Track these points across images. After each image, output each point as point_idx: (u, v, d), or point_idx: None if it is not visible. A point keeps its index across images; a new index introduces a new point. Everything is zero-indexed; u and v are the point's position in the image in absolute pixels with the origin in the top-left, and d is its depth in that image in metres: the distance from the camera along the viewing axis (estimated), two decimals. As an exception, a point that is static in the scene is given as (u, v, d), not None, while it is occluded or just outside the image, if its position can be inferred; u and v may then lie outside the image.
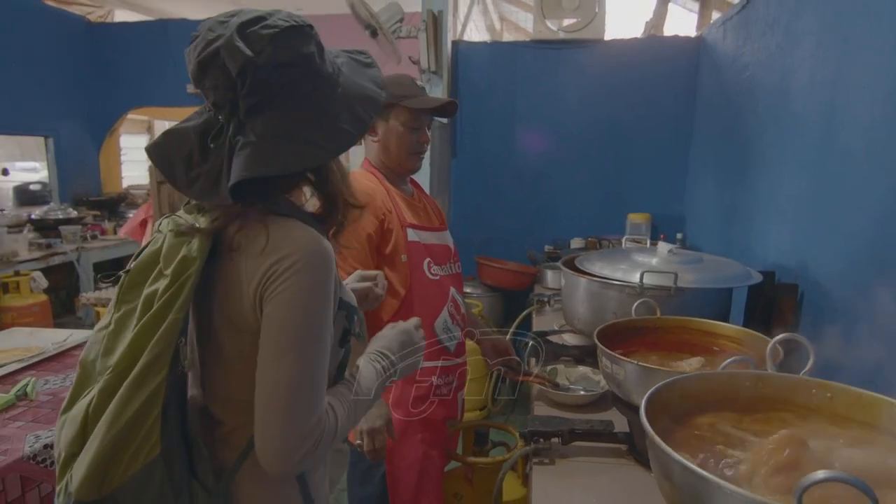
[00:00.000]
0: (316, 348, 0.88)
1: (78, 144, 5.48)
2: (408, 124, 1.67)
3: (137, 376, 0.83)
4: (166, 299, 0.84)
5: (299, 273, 0.85)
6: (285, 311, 0.85)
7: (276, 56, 0.84)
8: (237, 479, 0.94)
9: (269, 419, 0.85)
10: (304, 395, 0.86)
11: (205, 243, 0.86)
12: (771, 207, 2.36)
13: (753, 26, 2.69)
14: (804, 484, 0.69)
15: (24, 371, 1.89)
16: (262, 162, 0.84)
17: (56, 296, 4.48)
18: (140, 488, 0.84)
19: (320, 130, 0.88)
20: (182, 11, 6.40)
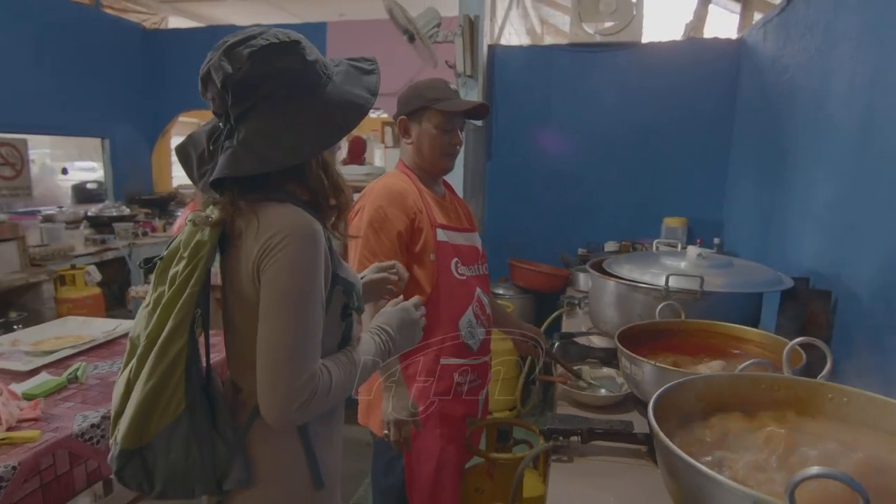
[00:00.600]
0: (306, 311, 0.99)
1: (132, 146, 5.72)
2: (440, 126, 1.71)
3: (163, 342, 0.98)
4: (184, 277, 0.99)
5: (288, 246, 0.97)
6: (277, 278, 0.97)
7: (253, 70, 0.97)
8: (250, 434, 1.07)
9: (265, 375, 0.97)
10: (296, 352, 0.97)
11: (214, 230, 1.01)
12: (807, 212, 2.31)
13: (793, 28, 2.64)
14: (797, 479, 0.71)
15: (76, 357, 2.01)
16: (233, 165, 0.98)
17: (108, 289, 4.69)
18: (170, 438, 1.00)
19: (293, 136, 0.99)
20: (230, 18, 6.64)
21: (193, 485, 1.03)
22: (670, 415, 1.08)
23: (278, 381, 0.96)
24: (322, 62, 1.05)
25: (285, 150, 0.99)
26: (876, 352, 1.68)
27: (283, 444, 1.09)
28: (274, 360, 0.97)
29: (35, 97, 4.70)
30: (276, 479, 1.08)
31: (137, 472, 1.02)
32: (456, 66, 3.50)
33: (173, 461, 1.01)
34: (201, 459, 1.01)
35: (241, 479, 1.05)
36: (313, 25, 5.19)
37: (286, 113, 1.00)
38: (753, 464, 0.92)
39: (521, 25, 6.04)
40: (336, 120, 1.03)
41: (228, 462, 1.05)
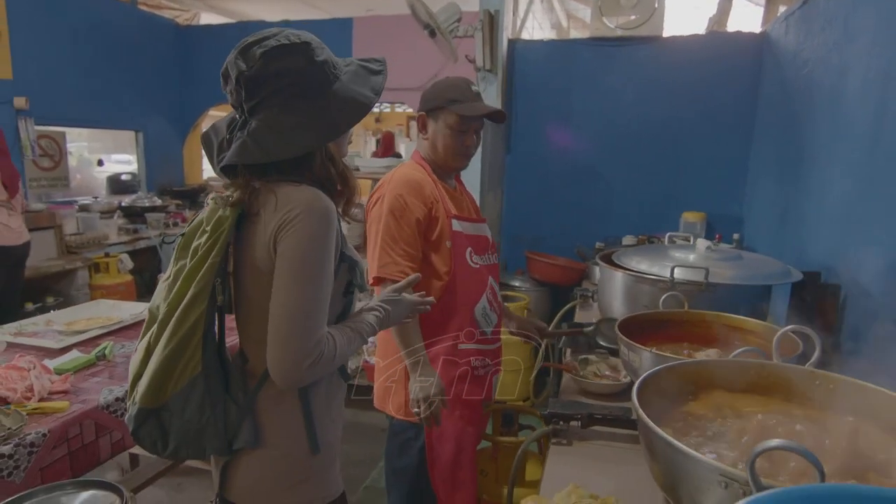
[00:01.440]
0: (318, 280, 1.07)
1: (164, 139, 5.91)
2: (454, 127, 1.75)
3: (184, 308, 1.07)
4: (206, 248, 1.08)
5: (302, 221, 1.05)
6: (291, 250, 1.05)
7: (264, 68, 1.06)
8: (258, 397, 1.16)
9: (278, 335, 1.05)
10: (305, 318, 1.05)
11: (235, 208, 1.09)
12: (822, 208, 2.30)
13: (814, 21, 2.61)
14: (757, 450, 0.74)
15: (105, 336, 2.13)
16: (241, 154, 1.08)
17: (140, 277, 4.86)
18: (186, 399, 1.08)
19: (297, 130, 1.08)
20: (260, 13, 6.78)
21: (205, 444, 1.11)
22: (659, 398, 1.12)
23: (290, 342, 1.04)
24: (331, 62, 1.14)
25: (288, 143, 1.07)
26: (882, 345, 1.67)
27: (286, 410, 1.16)
28: (288, 323, 1.04)
29: (73, 91, 4.90)
30: (277, 442, 1.17)
31: (153, 431, 1.10)
32: (476, 61, 3.54)
33: (188, 421, 1.08)
34: (214, 420, 1.10)
35: (249, 440, 1.13)
36: (340, 21, 5.28)
37: (292, 108, 1.08)
38: (731, 442, 0.95)
39: (546, 19, 6.04)
40: (337, 117, 1.10)
41: (239, 423, 1.13)
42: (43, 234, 4.04)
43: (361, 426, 3.27)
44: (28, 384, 1.56)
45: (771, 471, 0.84)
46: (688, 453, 0.84)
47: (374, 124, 8.72)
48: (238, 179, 1.11)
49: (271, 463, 1.17)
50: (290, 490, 1.19)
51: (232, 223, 1.08)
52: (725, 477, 0.80)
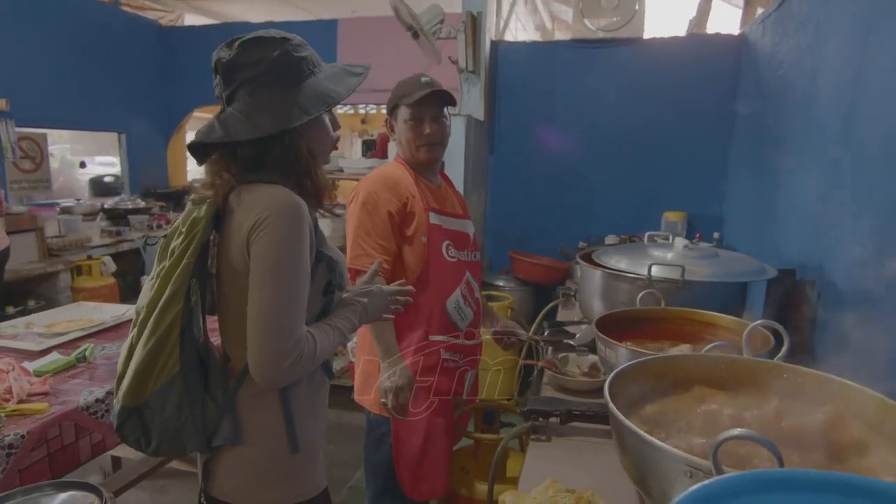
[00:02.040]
0: (292, 280, 1.08)
1: (148, 140, 5.86)
2: (409, 119, 1.80)
3: (161, 308, 1.09)
4: (182, 249, 1.10)
5: (273, 222, 1.07)
6: (264, 251, 1.07)
7: (238, 57, 1.12)
8: (238, 396, 1.17)
9: (256, 338, 1.07)
10: (283, 317, 1.06)
11: (210, 206, 1.12)
12: (796, 207, 2.35)
13: (789, 24, 2.66)
14: (719, 440, 0.77)
15: (86, 338, 2.12)
16: (206, 134, 1.12)
17: (123, 279, 4.82)
18: (165, 397, 1.10)
19: (261, 114, 1.11)
20: (244, 14, 6.76)
21: (185, 442, 1.13)
22: (632, 393, 1.14)
23: (269, 343, 1.05)
24: (311, 60, 1.17)
25: (251, 124, 1.10)
26: (855, 339, 1.71)
27: (266, 408, 1.18)
28: (265, 325, 1.06)
29: (54, 93, 4.85)
30: (257, 440, 1.18)
31: (135, 429, 1.12)
32: (458, 62, 3.56)
33: (167, 419, 1.10)
34: (192, 418, 1.11)
35: (228, 437, 1.15)
36: (325, 22, 5.28)
37: (261, 94, 1.12)
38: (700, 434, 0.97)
39: (530, 21, 6.07)
40: (304, 104, 1.12)
41: (217, 421, 1.14)
42: (24, 237, 4.00)
43: (346, 426, 3.27)
44: (7, 386, 1.55)
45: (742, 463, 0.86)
46: (654, 444, 0.86)
47: (360, 125, 8.71)
48: (212, 176, 1.14)
49: (252, 460, 1.18)
50: (271, 487, 1.20)
51: (206, 224, 1.10)
52: (691, 467, 0.82)
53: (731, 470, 0.78)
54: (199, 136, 1.13)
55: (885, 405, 0.99)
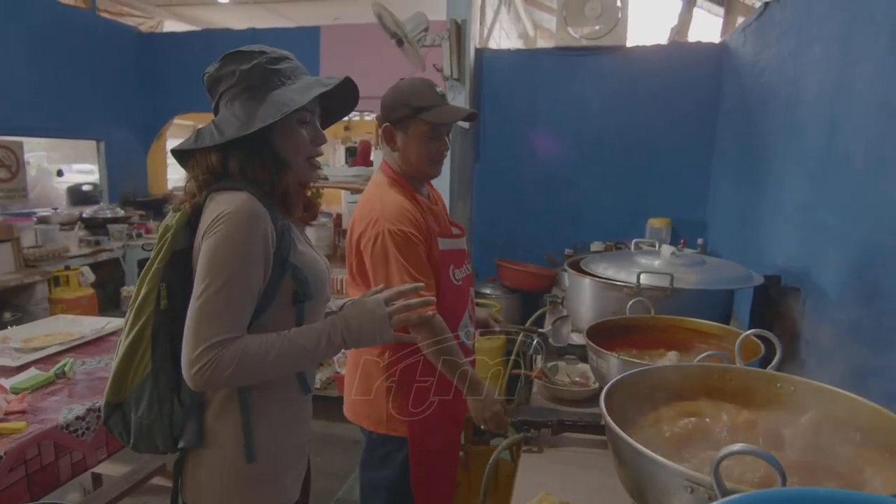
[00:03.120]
0: (227, 283, 1.07)
1: (127, 148, 5.76)
2: (426, 135, 1.68)
3: (136, 310, 1.15)
4: (154, 254, 1.15)
5: (223, 224, 1.08)
6: (207, 251, 1.08)
7: (217, 71, 1.17)
8: (206, 400, 1.19)
9: (184, 336, 1.07)
10: (207, 317, 1.06)
11: (183, 214, 1.16)
12: (780, 213, 2.37)
13: (770, 32, 2.70)
14: (720, 455, 0.76)
15: (65, 353, 2.06)
16: (182, 142, 1.18)
17: (103, 290, 4.73)
18: (139, 396, 1.15)
19: (223, 124, 1.14)
20: (225, 21, 6.71)
21: (156, 440, 1.17)
22: (627, 404, 1.13)
23: (186, 344, 1.06)
24: (285, 72, 1.19)
25: (215, 133, 1.13)
26: (840, 346, 1.73)
27: (229, 414, 1.19)
28: (189, 324, 1.07)
29: (31, 100, 4.76)
30: (220, 444, 1.19)
31: (118, 424, 1.18)
32: (443, 70, 3.56)
33: (140, 417, 1.15)
34: (160, 418, 1.15)
35: (192, 440, 1.18)
36: (308, 29, 5.24)
37: (232, 107, 1.16)
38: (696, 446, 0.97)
39: (514, 29, 6.10)
40: (257, 115, 1.13)
41: (184, 423, 1.18)
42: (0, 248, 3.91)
43: (333, 437, 3.23)
44: (-18, 405, 1.50)
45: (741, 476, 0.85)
46: (654, 458, 0.85)
47: (344, 132, 8.68)
48: (189, 183, 1.18)
49: (213, 465, 1.20)
50: (233, 494, 1.21)
51: (176, 229, 1.14)
52: (691, 482, 0.81)
53: (734, 486, 0.77)
54: (179, 144, 1.20)
55: (878, 414, 1.00)
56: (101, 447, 1.68)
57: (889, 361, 1.45)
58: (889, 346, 1.45)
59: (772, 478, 0.83)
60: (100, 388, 1.79)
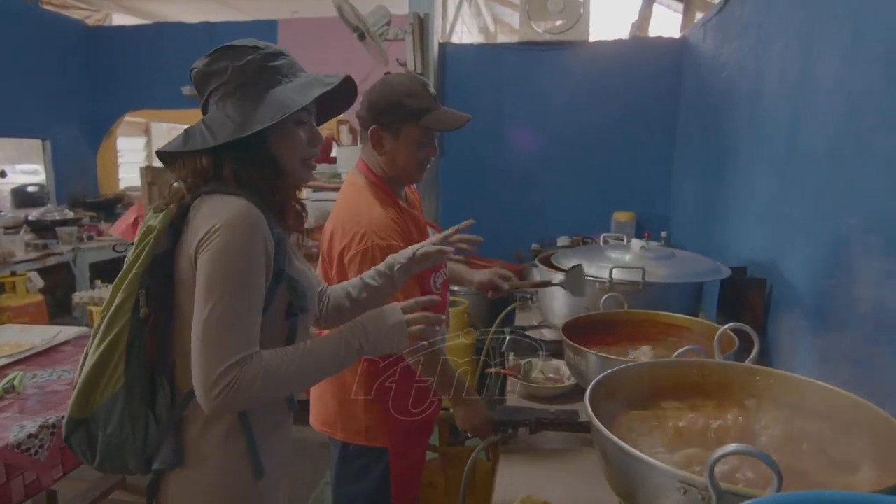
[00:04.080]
0: (236, 297, 1.01)
1: (75, 147, 5.52)
2: (419, 140, 1.59)
3: (109, 318, 1.05)
4: (133, 258, 1.06)
5: (223, 234, 1.01)
6: (208, 263, 1.01)
7: (206, 67, 1.10)
8: (185, 417, 1.10)
9: (194, 357, 1.00)
10: (221, 336, 0.99)
11: (167, 216, 1.07)
12: (745, 206, 2.41)
13: (730, 28, 2.74)
14: (716, 456, 0.74)
15: (14, 365, 1.94)
16: (169, 143, 1.11)
17: (52, 296, 4.53)
18: (109, 411, 1.05)
19: (217, 124, 1.07)
20: (178, 15, 6.48)
21: (126, 460, 1.07)
22: (609, 403, 1.12)
23: (200, 367, 0.99)
24: (281, 69, 1.12)
25: (208, 135, 1.06)
26: (806, 335, 1.76)
27: (222, 428, 1.11)
28: (200, 345, 0.99)
29: (-31, 97, 4.51)
30: (212, 464, 1.11)
31: (82, 442, 1.08)
32: (407, 65, 3.51)
33: (109, 435, 1.05)
34: (133, 437, 1.06)
35: (167, 460, 1.09)
36: (264, 23, 5.11)
37: (223, 106, 1.09)
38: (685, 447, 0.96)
39: (474, 24, 6.08)
40: (261, 114, 1.07)
41: (159, 442, 1.08)
42: (-63, 254, 3.69)
43: (299, 442, 3.15)
44: (-77, 426, 1.39)
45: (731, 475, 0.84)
46: (645, 460, 0.84)
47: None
48: (170, 185, 1.11)
49: (204, 486, 1.11)
50: None
51: (159, 233, 1.05)
52: (685, 483, 0.79)
53: (728, 486, 0.76)
54: (164, 146, 1.12)
55: (856, 405, 1.00)
56: (56, 465, 1.59)
57: (855, 348, 1.48)
58: (855, 334, 1.48)
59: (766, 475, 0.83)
60: (53, 402, 1.69)
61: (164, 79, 5.28)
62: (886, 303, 1.35)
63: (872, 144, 1.42)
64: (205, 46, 1.17)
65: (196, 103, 1.17)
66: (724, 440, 0.98)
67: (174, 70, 5.21)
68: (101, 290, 3.80)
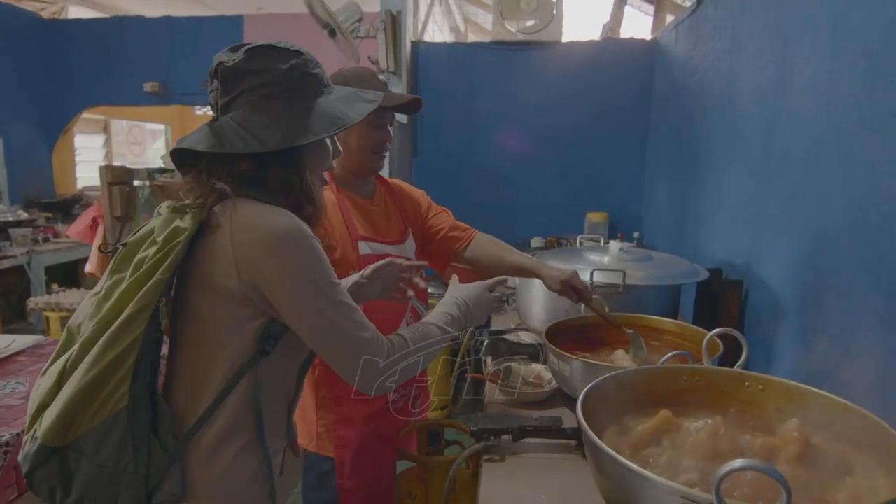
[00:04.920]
0: (333, 296, 1.01)
1: (29, 144, 5.32)
2: (369, 122, 1.56)
3: (119, 327, 0.92)
4: (155, 261, 0.94)
5: (291, 243, 0.98)
6: (294, 275, 0.98)
7: (245, 63, 1.01)
8: (194, 442, 1.00)
9: (336, 363, 1.03)
10: (348, 326, 1.02)
11: (196, 217, 0.97)
12: (719, 207, 2.42)
13: (703, 30, 2.76)
14: (722, 472, 0.71)
15: (-37, 378, 1.82)
16: (196, 141, 1.00)
17: (6, 301, 4.35)
18: (103, 437, 0.91)
19: (261, 129, 1.00)
20: (138, 9, 6.27)
21: (118, 495, 0.93)
22: (598, 411, 1.09)
23: (344, 355, 1.02)
24: (322, 78, 1.10)
25: (250, 139, 0.99)
26: (781, 336, 1.77)
27: (229, 456, 1.02)
28: (333, 346, 1.01)
29: (-87, 92, 4.27)
30: (220, 494, 1.02)
31: (52, 476, 0.93)
32: (379, 63, 3.45)
33: (101, 464, 0.92)
34: (135, 465, 0.92)
35: (174, 493, 0.96)
36: (229, 18, 5.00)
37: (265, 108, 1.02)
38: (679, 458, 0.93)
39: (445, 23, 6.05)
40: (314, 124, 1.03)
41: (164, 472, 0.96)
42: None
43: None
44: None
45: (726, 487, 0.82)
46: (645, 476, 0.80)
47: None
48: (200, 185, 1.01)
49: None
50: None
51: (189, 236, 0.95)
52: (687, 499, 0.76)
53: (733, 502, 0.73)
54: (187, 143, 1.01)
55: (848, 410, 0.99)
56: (10, 485, 1.48)
57: (832, 350, 1.49)
58: (832, 336, 1.49)
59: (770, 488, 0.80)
60: (7, 418, 1.58)
61: (124, 74, 5.12)
62: (863, 305, 1.36)
63: (852, 146, 1.42)
64: (166, 42, 1.10)
65: (158, 100, 1.10)
66: (719, 450, 0.95)
67: (135, 66, 5.05)
68: (58, 294, 3.63)
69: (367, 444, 1.65)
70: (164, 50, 4.99)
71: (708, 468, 0.89)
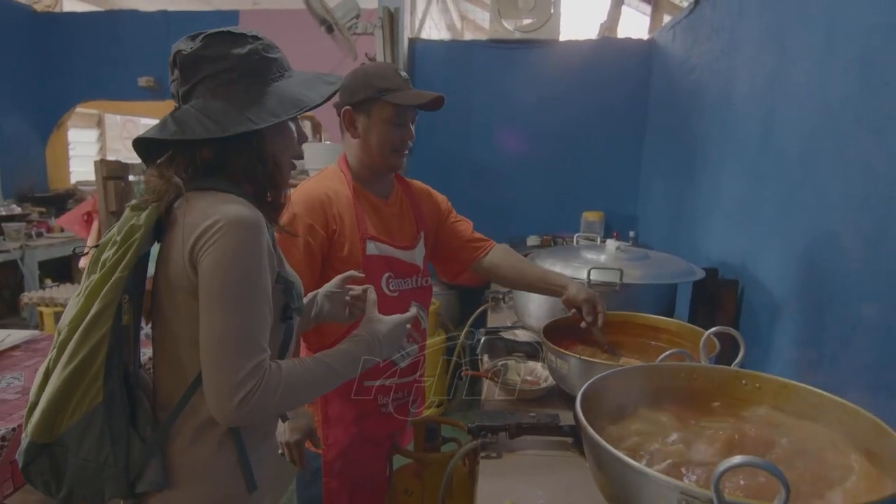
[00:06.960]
0: (248, 301, 0.96)
1: (22, 139, 5.26)
2: (391, 120, 1.55)
3: (84, 328, 0.94)
4: (114, 260, 0.96)
5: (225, 235, 0.95)
6: (217, 268, 0.95)
7: (202, 51, 1.01)
8: (171, 433, 1.02)
9: (205, 367, 0.95)
10: (233, 344, 0.94)
11: (152, 214, 0.98)
12: (715, 207, 2.44)
13: (700, 30, 2.77)
14: (721, 469, 0.72)
15: (-43, 373, 1.81)
16: (160, 130, 1.01)
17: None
18: (83, 433, 0.95)
19: (223, 114, 1.00)
20: (134, 3, 6.23)
21: (103, 486, 0.97)
22: (596, 408, 1.09)
23: (217, 374, 0.94)
24: (282, 63, 1.09)
25: (209, 124, 0.99)
26: (777, 335, 1.79)
27: (211, 442, 1.04)
28: (214, 353, 0.94)
29: None
30: (203, 481, 1.04)
31: (45, 470, 0.98)
32: (376, 59, 3.44)
33: (84, 458, 0.96)
34: (114, 458, 0.96)
35: (155, 481, 1.00)
36: (225, 13, 4.95)
37: (224, 94, 1.02)
38: (678, 454, 0.94)
39: (442, 20, 6.04)
40: (275, 107, 1.02)
41: (144, 462, 0.99)
42: None
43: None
44: None
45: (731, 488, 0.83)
46: (645, 472, 0.81)
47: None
48: (158, 179, 1.01)
49: None
50: None
51: (145, 233, 0.97)
52: (686, 495, 0.77)
53: (733, 499, 0.74)
54: (149, 133, 1.02)
55: (843, 407, 1.01)
56: (6, 480, 1.48)
57: (829, 349, 1.50)
58: (828, 334, 1.51)
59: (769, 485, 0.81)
60: (3, 412, 1.57)
61: (118, 69, 5.08)
62: (857, 303, 1.38)
63: (847, 147, 1.44)
64: (162, 36, 1.11)
65: (153, 95, 1.10)
66: (716, 446, 0.96)
67: (129, 60, 5.02)
68: (51, 289, 3.61)
69: (355, 446, 1.64)
70: (159, 45, 4.92)
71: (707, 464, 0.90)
